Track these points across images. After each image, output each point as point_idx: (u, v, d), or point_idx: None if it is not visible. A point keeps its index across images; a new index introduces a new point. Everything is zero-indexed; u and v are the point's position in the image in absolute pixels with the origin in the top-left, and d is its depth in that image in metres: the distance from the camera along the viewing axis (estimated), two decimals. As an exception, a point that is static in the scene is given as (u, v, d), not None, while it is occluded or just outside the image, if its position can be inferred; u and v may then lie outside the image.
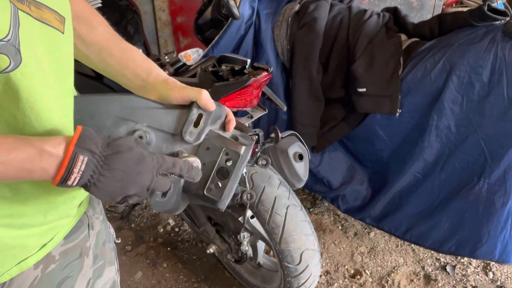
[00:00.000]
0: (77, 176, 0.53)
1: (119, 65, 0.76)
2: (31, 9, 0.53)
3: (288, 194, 1.50)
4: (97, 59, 0.77)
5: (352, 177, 2.13)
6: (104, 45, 0.76)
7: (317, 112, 2.06)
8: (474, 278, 1.99)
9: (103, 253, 0.84)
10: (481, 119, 1.67)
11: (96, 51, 0.76)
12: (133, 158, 0.57)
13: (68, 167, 0.52)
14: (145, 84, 0.74)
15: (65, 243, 0.72)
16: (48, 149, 0.53)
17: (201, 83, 1.54)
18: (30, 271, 0.66)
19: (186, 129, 0.69)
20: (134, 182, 0.57)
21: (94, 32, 0.76)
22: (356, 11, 2.01)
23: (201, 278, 1.99)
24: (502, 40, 1.63)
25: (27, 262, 0.65)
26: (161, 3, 3.06)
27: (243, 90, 1.36)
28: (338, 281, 1.98)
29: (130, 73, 0.75)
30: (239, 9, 1.87)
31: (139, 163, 0.57)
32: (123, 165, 0.56)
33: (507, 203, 1.69)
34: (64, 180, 0.53)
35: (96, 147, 0.55)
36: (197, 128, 0.70)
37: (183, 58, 1.71)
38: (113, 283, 0.87)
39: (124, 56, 0.76)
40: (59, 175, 0.53)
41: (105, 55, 0.76)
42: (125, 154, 0.56)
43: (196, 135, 0.70)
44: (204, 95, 0.70)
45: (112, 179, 0.55)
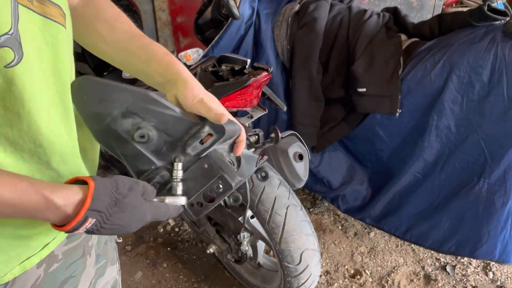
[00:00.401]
0: (80, 232, 0.56)
1: (140, 63, 0.75)
2: (33, 4, 0.53)
3: (288, 194, 1.50)
4: (118, 58, 0.76)
5: (352, 177, 2.13)
6: (124, 43, 0.75)
7: (317, 112, 2.06)
8: (474, 278, 1.99)
9: (105, 252, 0.84)
10: (481, 119, 1.67)
11: (117, 50, 0.75)
12: (134, 217, 0.59)
13: (76, 226, 0.54)
14: (165, 82, 0.72)
15: (68, 242, 0.72)
16: (57, 201, 0.53)
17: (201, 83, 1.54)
18: (33, 271, 0.67)
19: (191, 143, 0.67)
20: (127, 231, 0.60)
21: (115, 32, 0.75)
22: (356, 11, 2.01)
23: (201, 278, 1.99)
24: (502, 40, 1.63)
25: (30, 261, 0.65)
26: (161, 3, 3.06)
27: (243, 90, 1.36)
28: (338, 281, 1.98)
29: (151, 70, 0.74)
30: (239, 9, 1.87)
31: (139, 220, 0.60)
32: (124, 222, 0.58)
33: (507, 203, 1.69)
34: (69, 232, 0.55)
35: (104, 208, 0.56)
36: (202, 145, 0.68)
37: (183, 58, 1.71)
38: (114, 282, 0.87)
39: (143, 53, 0.74)
40: (64, 228, 0.55)
41: (126, 53, 0.75)
42: (129, 213, 0.58)
43: (199, 152, 0.68)
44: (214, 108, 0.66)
45: (110, 230, 0.58)
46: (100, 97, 0.62)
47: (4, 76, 0.51)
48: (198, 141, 0.67)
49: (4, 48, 0.49)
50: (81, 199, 0.55)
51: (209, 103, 0.67)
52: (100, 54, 0.77)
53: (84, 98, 0.61)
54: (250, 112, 1.50)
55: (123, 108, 0.63)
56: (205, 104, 0.66)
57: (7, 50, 0.50)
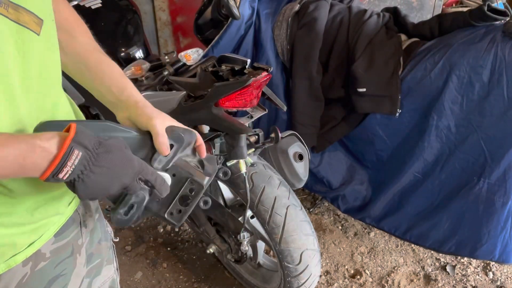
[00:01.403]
0: (69, 170, 0.54)
1: (94, 78, 0.76)
2: (9, 11, 0.54)
3: (288, 194, 1.50)
4: (74, 69, 0.77)
5: (352, 177, 2.13)
6: (82, 56, 0.77)
7: (317, 112, 2.06)
8: (474, 278, 1.99)
9: (99, 251, 0.84)
10: (481, 119, 1.67)
11: (74, 61, 0.76)
12: (121, 158, 0.60)
13: (63, 160, 0.54)
14: (116, 101, 0.75)
15: (55, 240, 0.72)
16: (40, 143, 0.53)
17: (201, 83, 1.54)
18: (18, 268, 0.67)
19: (156, 157, 0.71)
20: (118, 181, 0.59)
21: (74, 42, 0.76)
22: (356, 11, 2.01)
23: (201, 278, 1.99)
24: (502, 40, 1.63)
25: (15, 259, 0.66)
26: (161, 3, 3.06)
27: (243, 90, 1.36)
28: (338, 281, 1.98)
29: (104, 88, 0.76)
30: (239, 9, 1.87)
31: (126, 164, 0.60)
32: (112, 163, 0.58)
33: (507, 203, 1.69)
34: (56, 173, 0.54)
35: (89, 144, 0.56)
36: (166, 157, 0.72)
37: (183, 58, 1.71)
38: (112, 282, 0.87)
39: (100, 70, 0.76)
40: (51, 167, 0.53)
41: (82, 67, 0.76)
42: (115, 153, 0.59)
43: (164, 163, 0.73)
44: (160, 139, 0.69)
45: (100, 175, 0.57)
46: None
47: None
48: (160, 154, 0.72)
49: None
50: (64, 135, 0.55)
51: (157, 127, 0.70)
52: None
53: None
54: (250, 112, 1.50)
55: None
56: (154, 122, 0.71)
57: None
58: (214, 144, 1.45)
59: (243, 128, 1.35)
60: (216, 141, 1.46)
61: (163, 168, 0.73)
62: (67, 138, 0.54)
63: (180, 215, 0.75)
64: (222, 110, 1.39)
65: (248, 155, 1.43)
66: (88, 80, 0.77)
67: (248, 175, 1.46)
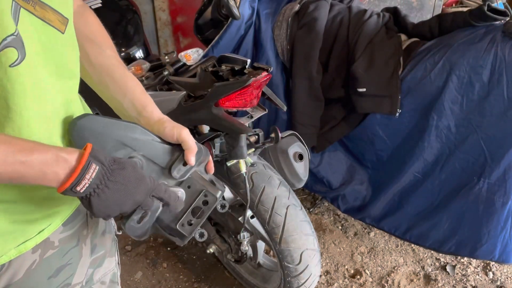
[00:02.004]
0: (86, 183, 0.57)
1: (117, 92, 0.79)
2: (36, 9, 0.57)
3: (288, 194, 1.50)
4: (98, 80, 0.80)
5: (352, 177, 2.13)
6: (108, 69, 0.79)
7: (317, 112, 2.06)
8: (474, 278, 1.99)
9: (103, 243, 0.85)
10: (481, 119, 1.67)
11: (100, 73, 0.79)
12: (134, 176, 0.63)
13: (81, 173, 0.57)
14: (137, 117, 0.78)
15: (64, 230, 0.74)
16: (64, 155, 0.57)
17: (201, 83, 1.54)
18: (28, 255, 0.69)
19: (175, 166, 0.75)
20: (131, 198, 0.63)
21: (102, 55, 0.79)
22: (356, 11, 2.01)
23: (201, 278, 1.99)
24: (502, 40, 1.63)
25: (25, 246, 0.68)
26: (161, 3, 3.06)
27: (243, 90, 1.36)
28: (338, 281, 1.98)
29: (127, 103, 0.79)
30: (239, 9, 1.87)
31: (139, 181, 0.64)
32: (126, 180, 0.62)
33: (507, 203, 1.69)
34: (75, 185, 0.57)
35: (105, 160, 0.60)
36: (185, 167, 0.75)
37: (183, 58, 1.71)
38: (113, 275, 0.88)
39: (124, 84, 0.79)
40: (71, 179, 0.56)
41: (107, 79, 0.79)
42: (129, 171, 0.62)
43: (183, 173, 0.75)
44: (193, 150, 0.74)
45: (114, 191, 0.60)
46: (96, 132, 0.69)
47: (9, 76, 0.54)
48: (181, 163, 0.75)
49: (10, 48, 0.53)
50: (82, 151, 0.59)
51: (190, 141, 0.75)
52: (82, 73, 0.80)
53: (81, 134, 0.68)
54: (250, 112, 1.50)
55: (116, 141, 0.70)
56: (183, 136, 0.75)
57: (13, 50, 0.53)
58: (214, 144, 1.45)
59: (243, 128, 1.35)
60: (216, 141, 1.46)
61: (181, 177, 0.75)
62: (85, 153, 0.58)
63: (191, 227, 0.77)
64: (222, 110, 1.39)
65: (248, 155, 1.43)
66: (112, 93, 0.80)
67: (248, 175, 1.46)
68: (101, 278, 0.84)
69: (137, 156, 0.72)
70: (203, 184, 0.78)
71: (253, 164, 1.48)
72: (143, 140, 0.73)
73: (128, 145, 0.71)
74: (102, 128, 0.70)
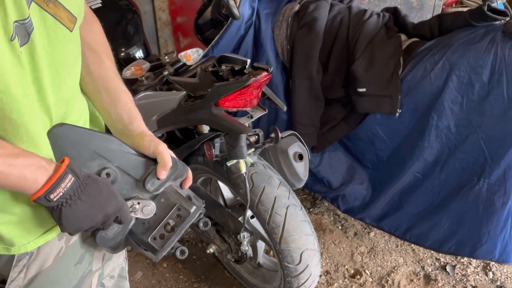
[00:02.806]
0: (61, 191, 0.60)
1: (110, 103, 0.81)
2: (48, 6, 0.60)
3: (288, 194, 1.50)
4: (93, 89, 0.81)
5: (352, 177, 2.13)
6: (105, 80, 0.81)
7: (317, 112, 2.06)
8: (474, 278, 1.99)
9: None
10: (481, 119, 1.67)
11: (96, 82, 0.81)
12: (106, 191, 0.66)
13: (57, 181, 0.59)
14: (123, 129, 0.80)
15: None
16: (44, 164, 0.61)
17: (201, 83, 1.54)
18: (54, 241, 0.72)
19: (149, 179, 0.75)
20: (102, 211, 0.65)
21: (101, 65, 0.81)
22: (356, 11, 2.01)
23: (201, 278, 1.99)
24: (502, 40, 1.63)
25: (51, 232, 0.71)
26: (161, 3, 3.06)
27: (243, 90, 1.36)
28: (338, 281, 1.98)
29: (116, 114, 0.81)
30: (239, 9, 1.87)
31: (111, 196, 0.67)
32: (98, 194, 0.64)
33: (507, 203, 1.69)
34: (49, 192, 0.59)
35: (80, 174, 0.63)
36: (159, 181, 0.76)
37: (183, 58, 1.71)
38: (121, 269, 0.90)
39: (116, 97, 0.81)
40: (47, 185, 0.59)
41: (102, 90, 0.81)
42: (101, 186, 0.65)
43: (157, 186, 0.76)
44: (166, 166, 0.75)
45: (86, 204, 0.63)
46: (72, 142, 0.70)
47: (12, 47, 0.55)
48: (156, 177, 0.75)
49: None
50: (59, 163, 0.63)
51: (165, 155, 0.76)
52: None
53: (58, 143, 0.69)
54: (250, 112, 1.50)
55: (91, 151, 0.71)
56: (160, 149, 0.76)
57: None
58: (214, 144, 1.45)
59: (243, 128, 1.35)
60: (216, 141, 1.46)
61: (155, 191, 0.76)
62: (63, 164, 0.62)
63: (163, 240, 0.77)
64: (222, 110, 1.39)
65: (248, 155, 1.43)
66: (104, 103, 0.81)
67: (248, 175, 1.46)
68: (111, 273, 0.86)
69: (111, 167, 0.73)
70: (177, 198, 0.78)
71: (253, 164, 1.48)
72: (118, 151, 0.74)
73: (103, 155, 0.72)
74: (79, 138, 0.71)
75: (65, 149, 0.69)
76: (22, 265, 0.69)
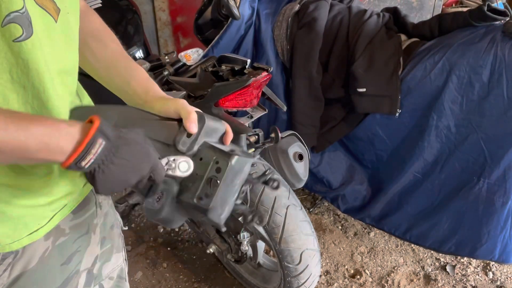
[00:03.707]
0: (92, 158, 0.56)
1: (123, 82, 0.81)
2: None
3: (288, 194, 1.50)
4: (104, 74, 0.82)
5: (352, 177, 2.13)
6: (112, 62, 0.81)
7: (317, 112, 2.06)
8: (474, 278, 1.99)
9: (111, 237, 0.87)
10: (481, 119, 1.68)
11: (105, 67, 0.81)
12: (139, 151, 0.61)
13: (87, 147, 0.55)
14: (143, 103, 0.78)
15: (74, 217, 0.76)
16: (66, 126, 0.56)
17: (201, 83, 1.54)
18: (40, 242, 0.70)
19: (179, 139, 0.71)
20: (135, 172, 0.61)
21: (106, 49, 0.81)
22: (356, 11, 2.01)
23: (201, 278, 1.99)
24: (502, 40, 1.63)
25: (38, 233, 0.69)
26: (161, 3, 3.06)
27: (243, 90, 1.37)
28: (338, 281, 1.98)
29: (131, 91, 0.80)
30: (239, 9, 1.87)
31: (144, 157, 0.62)
32: (131, 156, 0.60)
33: (507, 203, 1.69)
34: (79, 160, 0.55)
35: (111, 136, 0.58)
36: (190, 138, 0.71)
37: (183, 58, 1.71)
38: (120, 270, 0.90)
39: (128, 74, 0.81)
40: (76, 152, 0.55)
41: (112, 72, 0.81)
42: (134, 146, 0.61)
43: (189, 145, 0.71)
44: (192, 116, 0.71)
45: (119, 167, 0.59)
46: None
47: (12, 49, 0.54)
48: (185, 135, 0.71)
49: (13, 24, 0.53)
50: (88, 125, 0.57)
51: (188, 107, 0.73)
52: (86, 67, 0.82)
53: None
54: (250, 112, 1.50)
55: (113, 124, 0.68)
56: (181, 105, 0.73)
57: (16, 26, 0.53)
58: (214, 144, 1.45)
59: (243, 128, 1.35)
60: (216, 141, 1.45)
61: (189, 150, 0.71)
62: (93, 127, 0.56)
63: (209, 198, 0.70)
64: (222, 110, 1.39)
65: (248, 155, 1.43)
66: (118, 84, 0.81)
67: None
68: (109, 274, 0.85)
69: None
70: (213, 151, 0.72)
71: (253, 164, 1.49)
72: (140, 119, 0.71)
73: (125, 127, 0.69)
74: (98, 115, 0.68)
75: None
76: (6, 263, 0.68)
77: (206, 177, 0.71)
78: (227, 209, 0.73)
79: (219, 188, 0.70)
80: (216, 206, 0.70)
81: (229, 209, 0.73)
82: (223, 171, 0.71)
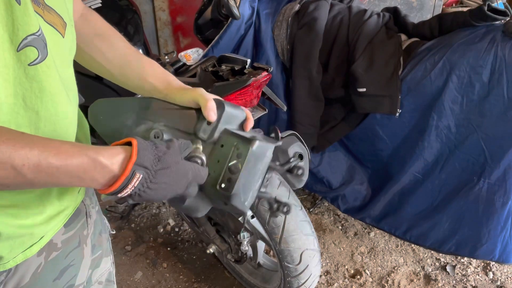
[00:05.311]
0: (129, 191, 0.56)
1: (139, 78, 0.80)
2: (44, 13, 0.57)
3: (288, 194, 1.50)
4: (118, 73, 0.81)
5: (352, 177, 2.13)
6: (124, 60, 0.80)
7: (317, 112, 2.06)
8: (474, 278, 1.99)
9: (100, 243, 0.85)
10: (481, 119, 1.67)
11: (118, 66, 0.80)
12: (178, 172, 0.61)
13: (124, 183, 0.55)
14: (164, 96, 0.78)
15: (65, 231, 0.74)
16: (102, 160, 0.54)
17: (201, 83, 1.54)
18: (33, 259, 0.69)
19: (199, 127, 0.71)
20: (171, 191, 0.61)
21: (114, 48, 0.80)
22: (356, 11, 2.01)
23: (201, 278, 1.99)
24: (502, 40, 1.63)
25: (31, 250, 0.67)
26: (161, 3, 3.06)
27: (243, 90, 1.36)
28: (338, 281, 1.98)
29: (149, 86, 0.79)
30: (239, 9, 1.87)
31: (181, 177, 0.62)
32: (169, 179, 0.60)
33: (507, 203, 1.69)
34: (116, 193, 0.56)
35: (149, 164, 0.57)
36: (210, 125, 0.72)
37: (183, 58, 1.71)
38: (108, 274, 0.88)
39: (142, 70, 0.80)
40: (113, 187, 0.55)
41: (126, 70, 0.80)
42: (173, 168, 0.60)
43: (210, 133, 0.72)
44: (210, 104, 0.71)
45: (156, 190, 0.59)
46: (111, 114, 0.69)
47: (27, 74, 0.54)
48: (205, 122, 0.71)
49: (29, 47, 0.53)
50: (126, 156, 0.56)
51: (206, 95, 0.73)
52: (98, 69, 0.82)
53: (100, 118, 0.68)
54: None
55: (133, 117, 0.69)
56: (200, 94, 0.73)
57: (32, 49, 0.53)
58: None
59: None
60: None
61: (209, 137, 0.72)
62: (130, 161, 0.55)
63: (231, 183, 0.69)
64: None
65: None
66: (135, 82, 0.81)
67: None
68: (98, 279, 0.84)
69: (158, 128, 0.70)
70: (234, 137, 0.71)
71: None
72: (160, 110, 0.71)
73: (147, 118, 0.70)
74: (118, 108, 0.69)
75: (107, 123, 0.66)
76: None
77: (227, 164, 0.70)
78: (251, 195, 0.72)
79: (240, 174, 0.69)
80: (239, 192, 0.69)
81: (253, 195, 0.73)
82: (244, 157, 0.70)
